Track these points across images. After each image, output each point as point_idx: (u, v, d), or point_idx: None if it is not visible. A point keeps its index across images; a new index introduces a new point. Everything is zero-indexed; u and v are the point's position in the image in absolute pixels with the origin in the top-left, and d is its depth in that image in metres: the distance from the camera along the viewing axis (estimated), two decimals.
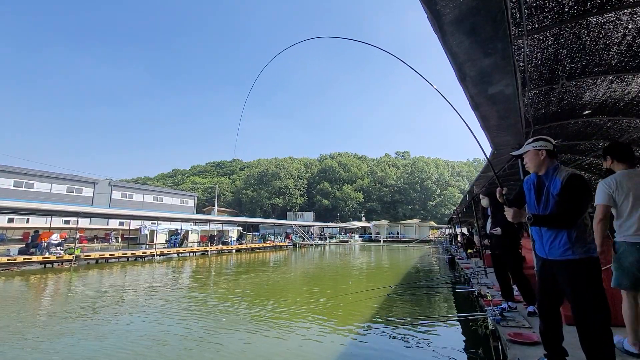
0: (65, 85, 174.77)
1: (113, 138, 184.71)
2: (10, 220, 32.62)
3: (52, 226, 18.24)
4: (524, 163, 2.47)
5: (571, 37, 2.53)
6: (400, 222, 52.89)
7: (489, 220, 4.72)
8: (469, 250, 13.51)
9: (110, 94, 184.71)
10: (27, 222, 32.70)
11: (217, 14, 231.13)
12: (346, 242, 44.88)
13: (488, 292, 5.21)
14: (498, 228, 4.28)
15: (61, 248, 15.25)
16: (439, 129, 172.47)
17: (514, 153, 2.59)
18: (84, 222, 34.72)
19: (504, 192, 2.53)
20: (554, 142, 2.37)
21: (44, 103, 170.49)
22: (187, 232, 26.59)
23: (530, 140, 2.40)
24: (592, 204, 2.57)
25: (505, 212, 2.38)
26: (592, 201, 2.24)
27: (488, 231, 4.79)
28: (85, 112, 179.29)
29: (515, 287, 4.97)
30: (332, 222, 59.36)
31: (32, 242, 15.45)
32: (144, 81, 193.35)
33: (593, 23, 2.37)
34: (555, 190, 2.22)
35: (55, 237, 15.05)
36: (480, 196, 2.88)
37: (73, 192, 39.17)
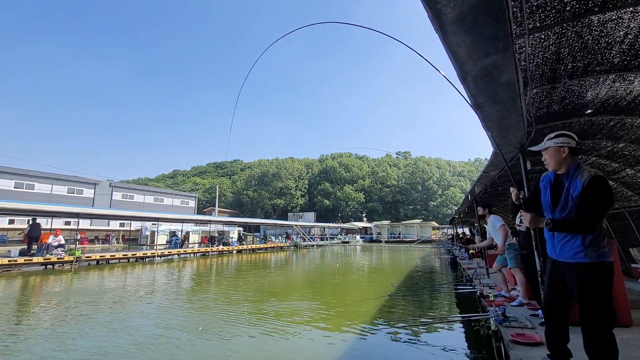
0: (64, 86, 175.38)
1: (113, 139, 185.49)
2: (11, 222, 32.69)
3: (52, 227, 18.25)
4: (543, 160, 2.35)
5: (573, 35, 2.51)
6: (402, 222, 52.82)
7: (519, 215, 4.55)
8: (470, 251, 13.48)
9: (109, 95, 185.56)
10: (28, 223, 32.72)
11: (215, 13, 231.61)
12: (347, 242, 44.82)
13: (490, 293, 5.19)
14: (522, 224, 4.07)
15: (62, 249, 15.26)
16: (439, 129, 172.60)
17: (532, 148, 2.46)
18: (84, 224, 34.81)
19: (520, 195, 2.48)
20: (577, 138, 2.24)
21: (44, 104, 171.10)
22: (187, 233, 26.60)
23: (552, 135, 2.29)
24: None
25: (522, 217, 2.31)
26: (612, 205, 2.12)
27: (516, 226, 4.72)
28: (85, 113, 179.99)
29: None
30: (333, 222, 59.33)
31: (34, 241, 15.34)
32: (144, 82, 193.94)
33: (595, 22, 2.35)
34: (575, 192, 2.10)
35: (52, 240, 15.03)
36: (511, 189, 2.80)
37: (74, 193, 39.26)
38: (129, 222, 34.76)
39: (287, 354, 4.57)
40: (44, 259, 14.30)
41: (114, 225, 40.30)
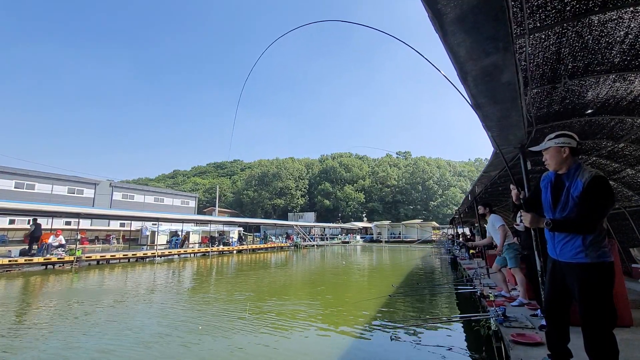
0: (64, 86, 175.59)
1: (113, 139, 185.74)
2: (12, 222, 32.70)
3: (53, 227, 18.25)
4: (544, 160, 2.34)
5: (573, 35, 2.51)
6: (402, 222, 52.77)
7: (519, 215, 4.41)
8: (471, 251, 13.49)
9: (109, 95, 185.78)
10: (29, 223, 32.72)
11: (215, 13, 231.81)
12: (348, 242, 44.81)
13: (490, 293, 5.19)
14: (521, 224, 4.07)
15: (63, 249, 15.26)
16: (439, 129, 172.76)
17: (533, 149, 2.46)
18: (85, 224, 34.81)
19: (521, 195, 2.45)
20: (577, 138, 2.24)
21: (44, 104, 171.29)
22: (188, 233, 26.60)
23: (553, 135, 2.29)
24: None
25: (522, 217, 2.31)
26: (613, 205, 2.11)
27: (515, 225, 4.68)
28: (85, 113, 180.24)
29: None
30: (333, 222, 59.32)
31: (35, 242, 15.29)
32: (144, 82, 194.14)
33: (595, 21, 2.35)
34: (576, 192, 2.09)
35: (52, 240, 15.03)
36: (511, 186, 2.78)
37: (74, 194, 39.28)
38: (129, 222, 34.79)
39: (288, 352, 4.58)
40: (45, 259, 14.31)
41: (114, 225, 40.30)
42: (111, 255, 17.51)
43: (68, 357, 4.42)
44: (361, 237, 51.00)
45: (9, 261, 13.51)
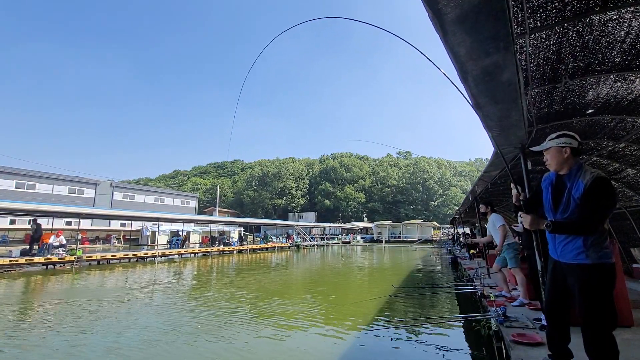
0: (64, 86, 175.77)
1: (113, 139, 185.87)
2: (12, 222, 32.74)
3: (53, 227, 18.27)
4: (544, 160, 2.32)
5: (574, 35, 2.50)
6: (403, 222, 52.73)
7: (519, 215, 4.45)
8: (471, 251, 13.49)
9: (109, 95, 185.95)
10: (29, 223, 32.79)
11: (215, 13, 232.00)
12: (348, 242, 44.81)
13: (491, 293, 5.19)
14: (520, 225, 3.93)
15: (63, 249, 15.27)
16: (440, 129, 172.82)
17: (534, 149, 2.43)
18: (85, 224, 34.85)
19: (521, 197, 2.44)
20: (579, 138, 2.22)
21: (44, 104, 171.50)
22: (188, 233, 26.59)
23: (554, 135, 2.26)
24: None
25: (522, 219, 2.29)
26: (615, 206, 2.09)
27: (513, 226, 4.67)
28: (85, 113, 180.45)
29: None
30: (333, 222, 59.32)
31: (36, 242, 15.30)
32: (144, 82, 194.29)
33: (596, 21, 2.35)
34: (577, 193, 2.07)
35: (53, 240, 15.05)
36: (512, 185, 2.75)
37: (75, 194, 39.32)
38: (130, 222, 34.82)
39: (289, 351, 4.58)
40: (45, 259, 14.33)
41: (115, 225, 40.33)
42: (112, 255, 17.53)
43: (75, 354, 4.45)
44: (362, 237, 50.98)
45: (10, 261, 13.53)
